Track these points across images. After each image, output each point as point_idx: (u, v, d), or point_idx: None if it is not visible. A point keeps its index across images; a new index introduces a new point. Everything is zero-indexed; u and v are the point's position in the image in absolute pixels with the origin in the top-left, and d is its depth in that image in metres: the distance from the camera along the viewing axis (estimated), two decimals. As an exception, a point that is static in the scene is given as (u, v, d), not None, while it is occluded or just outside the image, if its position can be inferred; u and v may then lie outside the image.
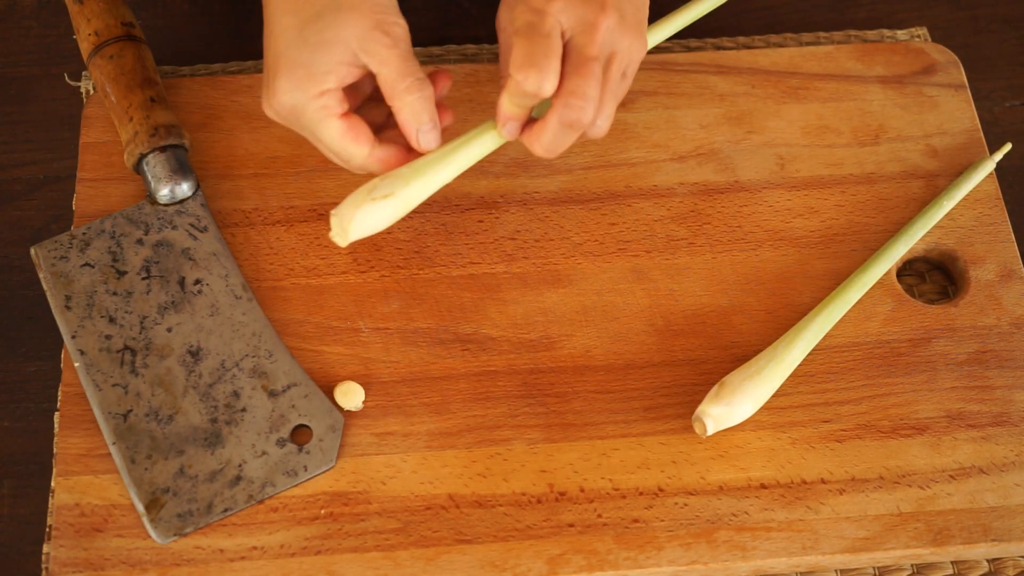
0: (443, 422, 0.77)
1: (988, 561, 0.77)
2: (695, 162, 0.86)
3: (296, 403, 0.76)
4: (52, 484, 0.75)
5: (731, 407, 0.75)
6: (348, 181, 0.83)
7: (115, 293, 0.79)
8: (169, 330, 0.78)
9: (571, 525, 0.74)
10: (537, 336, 0.80)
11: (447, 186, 0.76)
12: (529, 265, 0.82)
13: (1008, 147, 0.87)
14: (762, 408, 0.77)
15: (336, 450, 0.75)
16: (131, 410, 0.75)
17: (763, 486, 0.75)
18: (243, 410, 0.76)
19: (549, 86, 0.69)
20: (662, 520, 0.74)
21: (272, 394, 0.77)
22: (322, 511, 0.74)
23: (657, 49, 0.92)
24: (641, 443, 0.76)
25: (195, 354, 0.77)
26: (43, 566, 0.74)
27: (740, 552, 0.73)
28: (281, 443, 0.75)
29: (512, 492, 0.75)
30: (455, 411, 0.77)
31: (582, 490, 0.75)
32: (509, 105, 0.71)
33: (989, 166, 0.86)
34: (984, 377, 0.79)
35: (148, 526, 0.72)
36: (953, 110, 0.89)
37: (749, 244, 0.83)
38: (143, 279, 0.79)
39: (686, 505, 0.75)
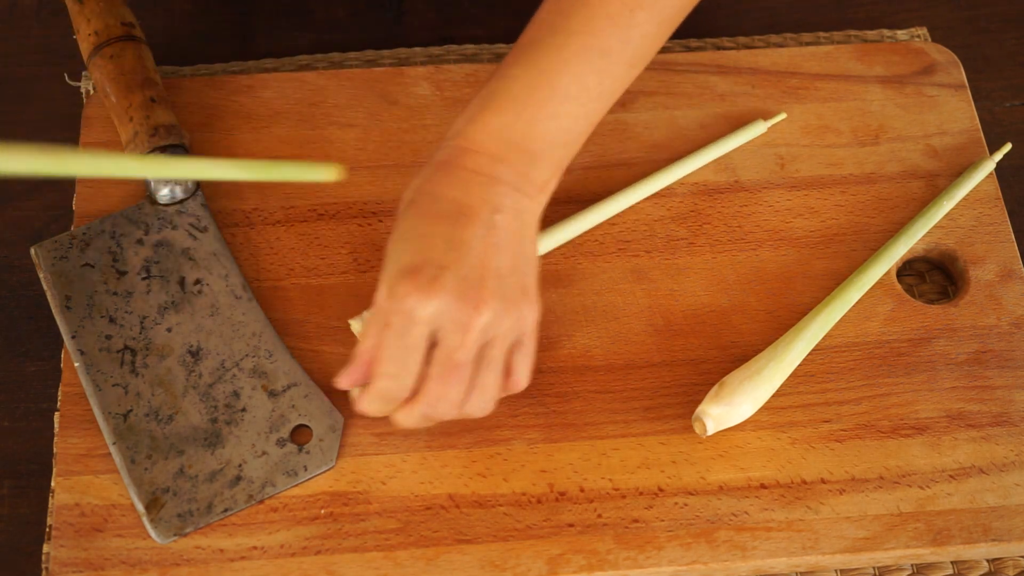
0: (443, 422, 0.77)
1: (988, 561, 0.77)
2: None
3: (296, 403, 0.76)
4: (52, 484, 0.75)
5: (731, 407, 0.75)
6: (349, 181, 0.83)
7: (115, 293, 0.79)
8: (169, 330, 0.78)
9: (571, 525, 0.74)
10: (537, 336, 0.79)
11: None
12: (529, 265, 0.82)
13: (1008, 147, 0.87)
14: (762, 408, 0.77)
15: (336, 450, 0.75)
16: (131, 410, 0.75)
17: (763, 486, 0.75)
18: (243, 410, 0.76)
19: (407, 393, 0.68)
20: (662, 520, 0.74)
21: (272, 394, 0.77)
22: (322, 511, 0.74)
23: (657, 49, 0.92)
24: (641, 443, 0.76)
25: (195, 354, 0.77)
26: (43, 566, 0.74)
27: (740, 552, 0.73)
28: (281, 443, 0.75)
29: (512, 492, 0.75)
30: (455, 411, 0.77)
31: (582, 490, 0.75)
32: (367, 404, 0.70)
33: (989, 166, 0.86)
34: (984, 377, 0.79)
35: (148, 526, 0.72)
36: (953, 110, 0.89)
37: (749, 244, 0.83)
38: (143, 279, 0.79)
39: (686, 505, 0.75)
